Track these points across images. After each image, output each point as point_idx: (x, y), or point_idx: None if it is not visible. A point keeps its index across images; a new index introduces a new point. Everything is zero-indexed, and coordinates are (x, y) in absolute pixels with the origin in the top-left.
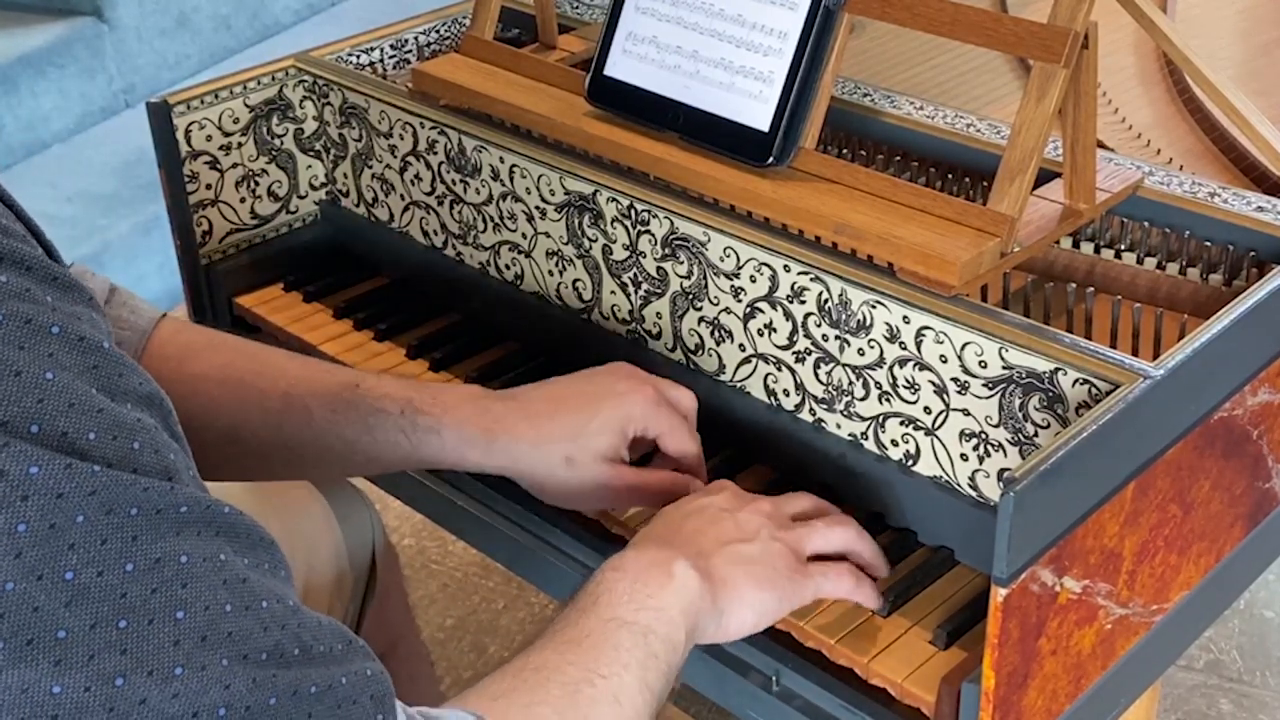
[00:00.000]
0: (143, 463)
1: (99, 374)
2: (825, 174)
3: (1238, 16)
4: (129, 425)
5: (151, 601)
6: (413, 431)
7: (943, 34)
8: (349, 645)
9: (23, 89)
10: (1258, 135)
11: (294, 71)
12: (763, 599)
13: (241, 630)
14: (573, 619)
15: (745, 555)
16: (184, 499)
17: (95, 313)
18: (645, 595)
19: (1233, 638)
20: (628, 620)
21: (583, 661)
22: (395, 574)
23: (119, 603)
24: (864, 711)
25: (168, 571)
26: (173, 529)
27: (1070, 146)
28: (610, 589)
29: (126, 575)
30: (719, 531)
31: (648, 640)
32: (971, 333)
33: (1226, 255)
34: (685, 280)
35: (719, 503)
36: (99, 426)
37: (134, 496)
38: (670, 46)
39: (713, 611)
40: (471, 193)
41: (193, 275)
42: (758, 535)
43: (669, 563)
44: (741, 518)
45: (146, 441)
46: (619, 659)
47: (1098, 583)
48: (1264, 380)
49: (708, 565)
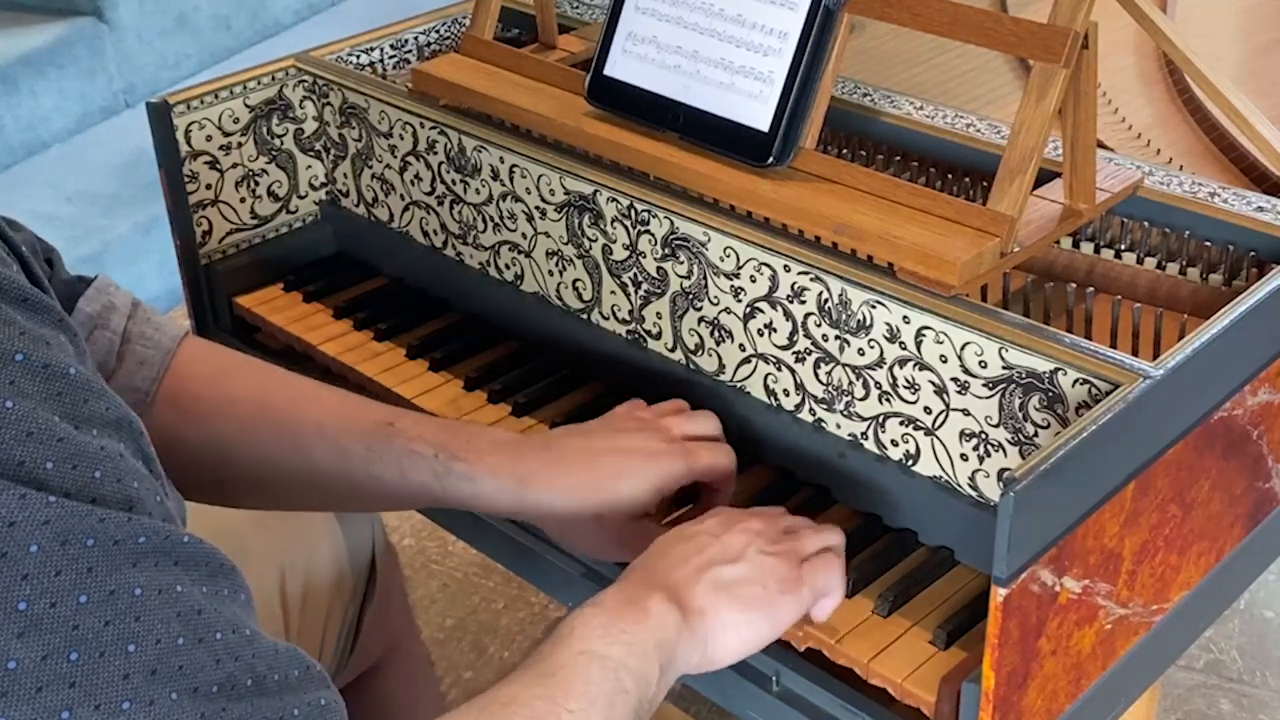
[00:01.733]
0: (103, 493)
1: (62, 400)
2: (825, 174)
3: (1238, 16)
4: (90, 454)
5: (104, 634)
6: (446, 476)
7: (943, 34)
8: (306, 672)
9: (23, 89)
10: (1258, 135)
11: (294, 71)
12: (749, 621)
13: (193, 663)
14: (546, 652)
15: (729, 578)
16: (142, 529)
17: (64, 334)
18: (619, 630)
19: (1233, 638)
20: (599, 653)
21: (551, 695)
22: (395, 574)
23: (71, 635)
24: (864, 711)
25: (121, 604)
26: (129, 560)
27: (1070, 146)
28: (586, 623)
29: (80, 607)
30: (702, 558)
31: (618, 675)
32: (971, 333)
33: (1226, 255)
34: (685, 280)
35: (707, 528)
36: (57, 456)
37: (90, 527)
38: (670, 46)
39: (694, 643)
40: (471, 193)
41: (193, 275)
42: (743, 555)
43: (645, 599)
44: (727, 540)
45: (109, 471)
46: (588, 693)
47: (1098, 583)
48: (1264, 380)
49: (688, 596)
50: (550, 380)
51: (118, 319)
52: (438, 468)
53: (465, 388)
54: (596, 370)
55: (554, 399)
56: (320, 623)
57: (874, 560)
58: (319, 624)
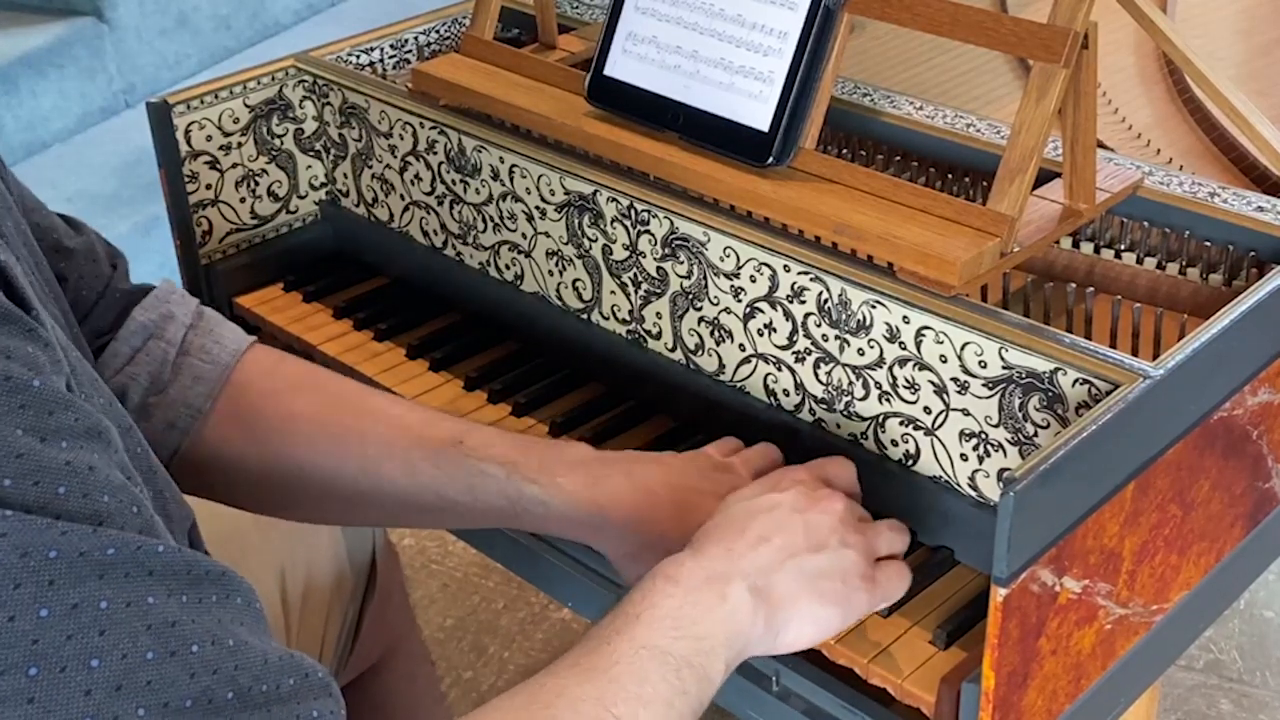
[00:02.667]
0: (68, 508)
1: (26, 414)
2: (825, 174)
3: (1238, 16)
4: (54, 469)
5: (65, 649)
6: (518, 499)
7: (943, 34)
8: (304, 680)
9: (23, 89)
10: (1258, 135)
11: (294, 71)
12: (826, 615)
13: (163, 678)
14: (605, 636)
15: (813, 569)
16: (110, 541)
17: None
18: (690, 621)
19: (1233, 638)
20: (663, 650)
21: (600, 695)
22: (396, 574)
23: (30, 649)
24: (864, 711)
25: (85, 618)
26: (95, 572)
27: (1070, 146)
28: (655, 605)
29: (40, 621)
30: (786, 540)
31: (680, 674)
32: (971, 333)
33: (1226, 255)
34: (685, 280)
35: (789, 502)
36: (16, 472)
37: (52, 539)
38: (670, 46)
39: (766, 632)
40: (471, 193)
41: (193, 275)
42: (827, 543)
43: (725, 583)
44: (812, 520)
45: (74, 486)
46: (641, 695)
47: (1098, 583)
48: (1264, 380)
49: (768, 583)
50: (550, 380)
51: (174, 329)
52: (509, 489)
53: (465, 388)
54: (596, 370)
55: (554, 399)
56: (320, 622)
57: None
58: (319, 623)
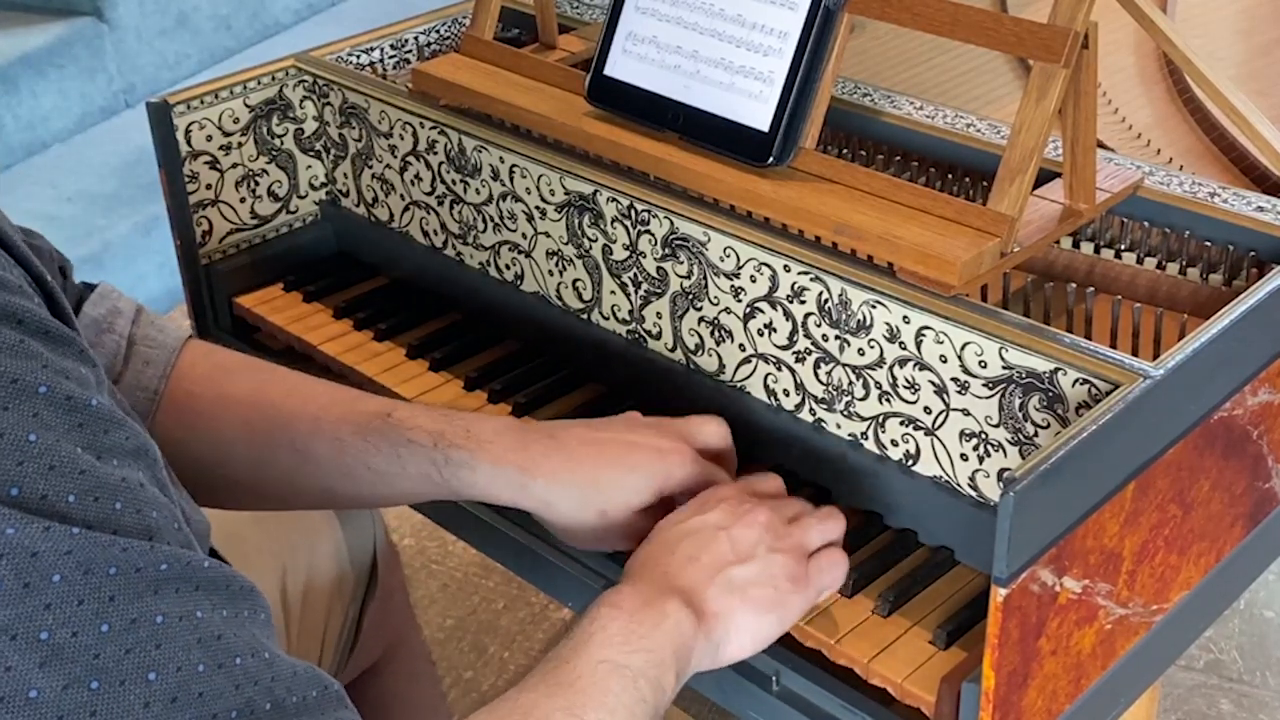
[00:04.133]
0: (124, 524)
1: (84, 432)
2: (825, 174)
3: (1238, 16)
4: (112, 486)
5: (125, 663)
6: (445, 465)
7: (943, 34)
8: (324, 692)
9: (23, 89)
10: (1258, 135)
11: (294, 71)
12: (761, 624)
13: (213, 690)
14: (565, 656)
15: (743, 580)
16: (164, 556)
17: (85, 366)
18: (639, 637)
19: (1233, 638)
20: (620, 663)
21: (569, 706)
22: (397, 574)
23: (92, 664)
24: (864, 711)
25: (143, 632)
26: (150, 588)
27: (1070, 146)
28: (604, 627)
29: (101, 636)
30: (713, 556)
31: (637, 685)
32: (971, 333)
33: (1226, 255)
34: (685, 280)
35: (713, 520)
36: (80, 489)
37: (112, 556)
38: (670, 46)
39: (707, 646)
40: (471, 193)
41: (193, 275)
42: (754, 553)
43: (663, 602)
44: (736, 534)
45: (129, 501)
46: (606, 704)
47: (1098, 583)
48: (1264, 380)
49: (702, 599)
50: (550, 380)
51: (123, 323)
52: (437, 457)
53: (465, 388)
54: (596, 370)
55: (554, 399)
56: (321, 621)
57: (874, 560)
58: (320, 623)
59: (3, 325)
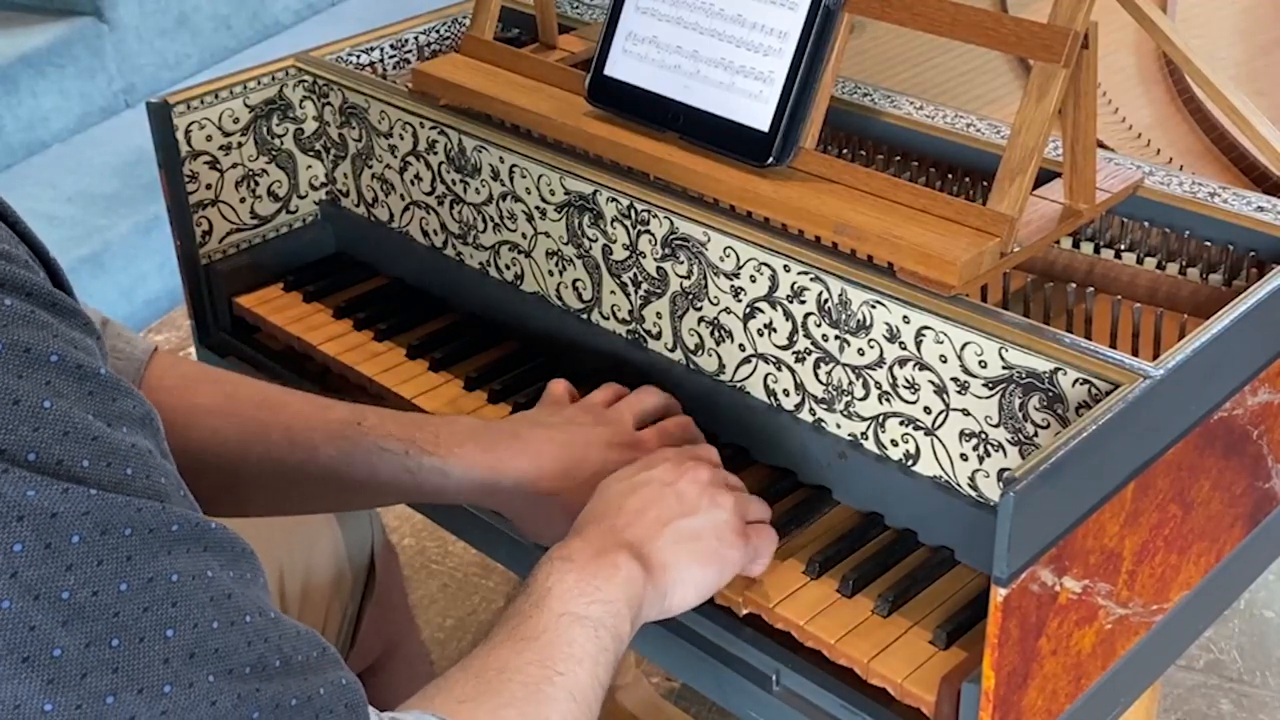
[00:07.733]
0: (135, 488)
1: (94, 400)
2: (825, 174)
3: (1238, 16)
4: (123, 451)
5: (143, 620)
6: (418, 471)
7: (943, 34)
8: (324, 653)
9: (23, 89)
10: (1258, 135)
11: (294, 71)
12: (704, 575)
13: (227, 646)
14: (526, 612)
15: (688, 531)
16: (175, 518)
17: (91, 338)
18: (594, 589)
19: (1233, 638)
20: (580, 615)
21: (540, 660)
22: (395, 574)
23: (112, 621)
24: (864, 711)
25: (159, 590)
26: (164, 548)
27: (1070, 146)
28: (561, 580)
29: (120, 595)
30: (660, 511)
31: (598, 634)
32: (971, 333)
33: (1226, 255)
34: (685, 280)
35: (659, 476)
36: (93, 454)
37: (128, 517)
38: (670, 46)
39: (655, 596)
40: (471, 193)
41: (193, 275)
42: (699, 506)
43: (614, 553)
44: (682, 489)
45: (139, 466)
46: (573, 654)
47: (1098, 583)
48: (1264, 380)
49: (649, 551)
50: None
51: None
52: (409, 464)
53: (465, 388)
54: (596, 370)
55: None
56: (319, 621)
57: (874, 560)
58: (318, 622)
59: (13, 296)
